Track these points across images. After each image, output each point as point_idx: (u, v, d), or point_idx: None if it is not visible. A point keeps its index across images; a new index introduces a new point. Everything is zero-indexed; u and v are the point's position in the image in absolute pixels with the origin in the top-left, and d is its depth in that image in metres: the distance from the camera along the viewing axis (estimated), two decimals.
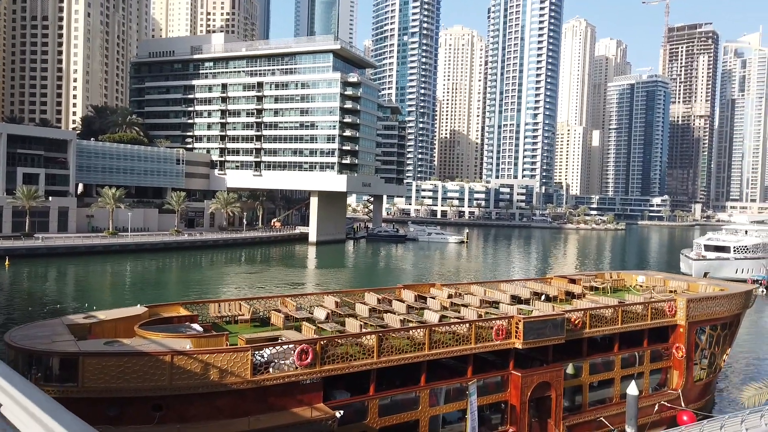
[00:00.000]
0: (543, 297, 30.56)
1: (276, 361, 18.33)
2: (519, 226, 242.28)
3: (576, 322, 24.81)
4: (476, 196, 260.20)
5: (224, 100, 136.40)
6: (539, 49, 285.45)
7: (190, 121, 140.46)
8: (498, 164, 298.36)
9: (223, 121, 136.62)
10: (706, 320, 29.29)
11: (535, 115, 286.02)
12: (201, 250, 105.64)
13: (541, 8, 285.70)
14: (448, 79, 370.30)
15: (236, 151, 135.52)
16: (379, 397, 20.33)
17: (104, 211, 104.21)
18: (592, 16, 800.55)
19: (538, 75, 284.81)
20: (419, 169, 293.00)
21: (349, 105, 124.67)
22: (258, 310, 25.27)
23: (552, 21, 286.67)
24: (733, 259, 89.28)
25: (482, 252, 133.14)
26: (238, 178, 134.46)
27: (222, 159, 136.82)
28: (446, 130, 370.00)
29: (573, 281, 34.77)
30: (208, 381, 17.31)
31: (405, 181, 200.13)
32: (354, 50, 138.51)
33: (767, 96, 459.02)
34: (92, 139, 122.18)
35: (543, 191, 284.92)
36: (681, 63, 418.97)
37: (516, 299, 30.04)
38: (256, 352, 17.95)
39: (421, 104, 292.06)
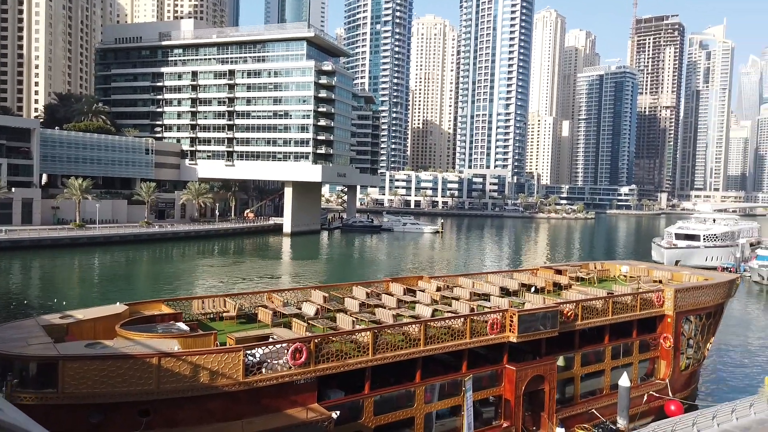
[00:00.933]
0: (533, 289, 30.27)
1: (269, 361, 17.51)
2: (492, 215, 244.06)
3: (568, 314, 24.56)
4: (449, 186, 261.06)
5: (194, 88, 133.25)
6: (511, 39, 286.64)
7: (159, 109, 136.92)
8: (471, 154, 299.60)
9: (194, 109, 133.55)
10: (692, 310, 29.41)
11: (507, 105, 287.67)
12: (172, 242, 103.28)
13: None
14: (421, 69, 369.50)
15: (208, 141, 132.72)
16: (375, 396, 19.71)
17: (70, 203, 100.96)
18: (561, 6, 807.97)
19: (510, 65, 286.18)
20: (392, 159, 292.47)
21: (323, 94, 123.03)
22: (243, 306, 24.33)
23: (524, 11, 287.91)
24: (703, 247, 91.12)
25: (458, 242, 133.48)
26: (209, 169, 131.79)
27: (193, 149, 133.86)
28: (419, 120, 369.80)
29: (559, 272, 34.63)
30: (198, 384, 16.41)
31: (379, 171, 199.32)
32: (327, 38, 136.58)
33: (730, 87, 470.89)
34: (56, 128, 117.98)
35: (515, 181, 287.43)
36: (648, 54, 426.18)
37: (505, 291, 29.69)
38: (248, 352, 17.09)
39: (395, 94, 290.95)
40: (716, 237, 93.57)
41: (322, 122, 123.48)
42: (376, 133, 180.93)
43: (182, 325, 19.97)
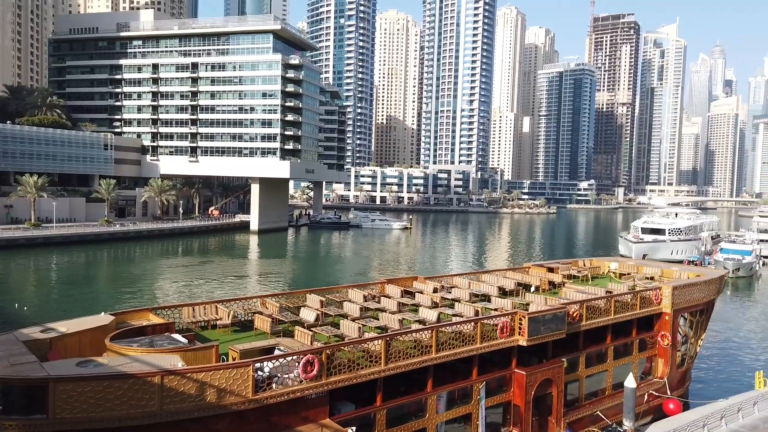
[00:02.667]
0: (532, 288, 29.64)
1: (279, 375, 16.18)
2: (457, 210, 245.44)
3: (574, 314, 23.95)
4: (415, 181, 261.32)
5: (155, 81, 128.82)
6: (474, 35, 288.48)
7: (118, 103, 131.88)
8: (435, 150, 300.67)
9: (155, 103, 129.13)
10: (688, 307, 29.31)
11: (471, 101, 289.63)
12: (135, 242, 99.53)
13: None
14: (384, 64, 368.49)
15: (170, 136, 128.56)
16: (386, 407, 18.59)
17: (25, 201, 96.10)
18: (522, 3, 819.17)
19: (473, 62, 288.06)
20: (358, 155, 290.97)
21: (290, 88, 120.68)
22: (237, 313, 22.82)
23: (486, 8, 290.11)
24: (669, 241, 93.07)
25: (428, 238, 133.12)
26: (172, 165, 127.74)
27: (154, 144, 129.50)
28: (382, 115, 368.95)
29: (551, 270, 34.16)
30: (205, 403, 14.96)
31: (345, 167, 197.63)
32: (294, 31, 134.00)
33: (683, 85, 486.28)
34: (8, 122, 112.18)
35: (479, 176, 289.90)
36: (605, 52, 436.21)
37: (503, 291, 28.97)
38: (257, 366, 15.73)
39: (359, 89, 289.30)
40: (680, 231, 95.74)
41: (290, 117, 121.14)
42: (343, 129, 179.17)
43: (179, 337, 18.40)
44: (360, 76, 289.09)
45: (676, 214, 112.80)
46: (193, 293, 57.00)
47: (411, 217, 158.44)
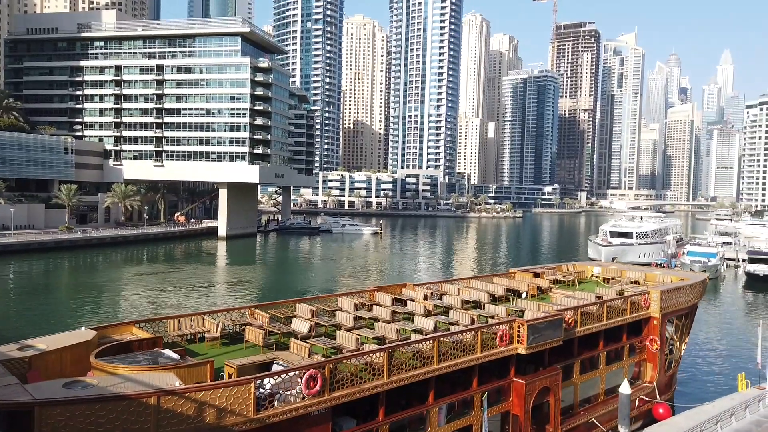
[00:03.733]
0: (524, 294, 29.34)
1: (281, 392, 15.29)
2: (425, 215, 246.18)
3: (569, 321, 23.69)
4: (383, 186, 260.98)
5: (118, 83, 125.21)
6: (441, 41, 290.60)
7: (79, 106, 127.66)
8: (403, 155, 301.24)
9: (118, 106, 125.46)
10: (674, 311, 29.48)
11: (438, 106, 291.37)
12: (98, 249, 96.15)
13: (443, 1, 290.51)
14: (351, 69, 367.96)
15: (134, 140, 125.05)
16: (390, 422, 17.88)
17: None
18: (486, 10, 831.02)
19: (440, 67, 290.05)
20: (325, 159, 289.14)
21: (260, 92, 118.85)
22: (225, 325, 21.74)
23: (453, 14, 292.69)
24: (637, 244, 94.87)
25: (400, 243, 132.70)
26: (136, 169, 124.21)
27: (117, 148, 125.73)
28: (349, 120, 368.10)
29: (537, 275, 34.00)
30: (204, 424, 13.97)
31: (313, 171, 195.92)
32: (262, 34, 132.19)
33: (641, 92, 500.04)
34: None
35: (447, 181, 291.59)
36: (568, 59, 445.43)
37: (494, 298, 28.60)
38: (257, 383, 14.82)
39: (327, 93, 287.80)
40: (647, 234, 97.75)
41: (259, 121, 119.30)
42: (311, 133, 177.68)
43: (170, 353, 17.29)
44: (327, 80, 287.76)
45: (642, 218, 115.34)
46: (165, 303, 55.11)
47: (381, 222, 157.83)
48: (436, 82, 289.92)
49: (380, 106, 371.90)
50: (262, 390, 14.95)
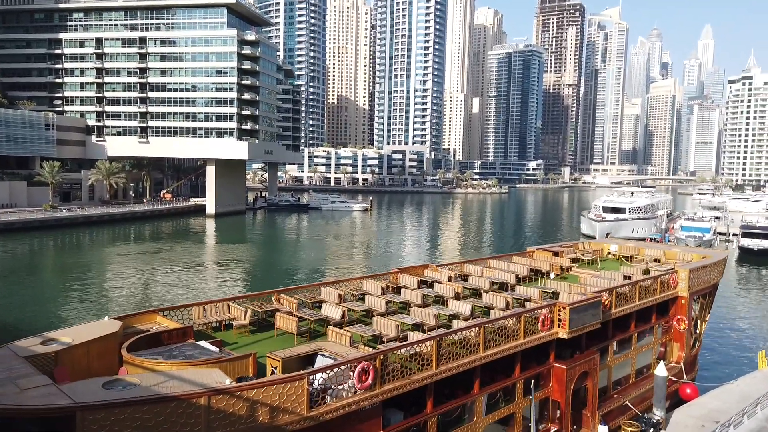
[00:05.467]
0: (552, 275, 28.52)
1: (333, 386, 14.23)
2: (412, 191, 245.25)
3: (606, 302, 22.92)
4: (369, 162, 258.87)
5: (99, 57, 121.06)
6: (427, 15, 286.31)
7: (59, 80, 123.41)
8: (389, 130, 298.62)
9: (99, 81, 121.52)
10: (700, 290, 28.97)
11: (424, 81, 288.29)
12: (83, 228, 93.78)
13: None
14: (334, 43, 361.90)
15: (117, 115, 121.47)
16: (438, 414, 16.98)
17: None
18: None
19: (426, 41, 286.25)
20: (311, 135, 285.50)
21: (247, 65, 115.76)
22: (254, 311, 20.55)
23: None
24: (630, 219, 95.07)
25: (391, 220, 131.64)
26: (120, 146, 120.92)
27: (100, 124, 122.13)
28: (333, 95, 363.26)
29: (556, 254, 33.22)
30: (257, 425, 12.88)
31: (300, 147, 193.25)
32: (249, 6, 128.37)
33: (625, 67, 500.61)
34: None
35: (433, 157, 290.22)
36: (552, 34, 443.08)
37: (519, 278, 27.76)
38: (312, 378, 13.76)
39: (311, 68, 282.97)
40: (640, 209, 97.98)
41: (247, 96, 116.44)
42: (298, 108, 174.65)
43: (207, 345, 16.10)
44: (312, 54, 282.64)
45: (632, 193, 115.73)
46: (162, 284, 53.64)
47: (371, 198, 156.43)
48: (422, 57, 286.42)
49: (364, 81, 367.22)
50: (314, 385, 13.89)
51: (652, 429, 22.61)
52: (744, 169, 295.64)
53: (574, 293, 24.03)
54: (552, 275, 28.51)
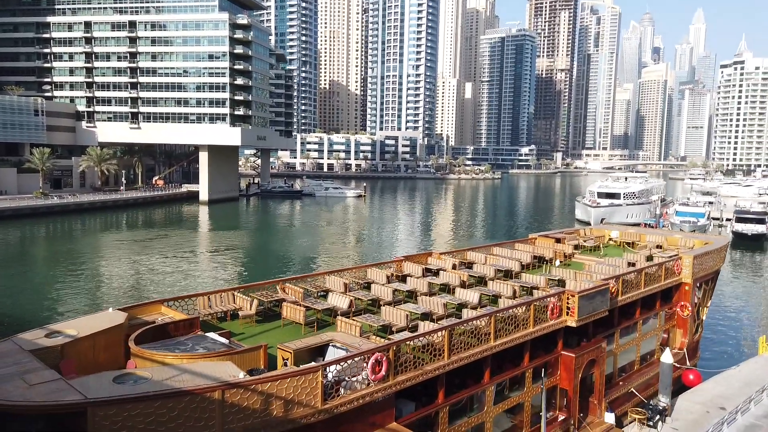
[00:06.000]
0: (557, 262, 28.37)
1: (347, 378, 14.00)
2: (405, 177, 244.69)
3: (613, 290, 22.80)
4: (362, 148, 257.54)
5: (89, 41, 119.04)
6: None
7: (48, 65, 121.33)
8: (382, 116, 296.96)
9: (89, 65, 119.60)
10: (703, 276, 28.95)
11: (417, 66, 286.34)
12: (76, 215, 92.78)
13: None
14: (326, 27, 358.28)
15: (107, 101, 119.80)
16: (449, 404, 16.83)
17: None
18: None
19: (419, 25, 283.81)
20: (303, 121, 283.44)
21: (239, 50, 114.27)
22: (260, 300, 20.26)
23: None
24: (625, 205, 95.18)
25: (386, 206, 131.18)
26: (111, 132, 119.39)
27: (90, 109, 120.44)
28: (325, 80, 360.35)
29: (558, 240, 33.07)
30: (271, 418, 12.64)
31: (292, 133, 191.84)
32: None
33: (617, 51, 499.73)
34: None
35: (426, 143, 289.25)
36: (545, 18, 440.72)
37: (523, 266, 27.61)
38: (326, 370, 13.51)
39: (303, 52, 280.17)
40: (634, 195, 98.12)
41: (239, 81, 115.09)
42: (290, 94, 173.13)
43: (216, 336, 15.80)
44: (303, 39, 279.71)
45: (626, 178, 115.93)
46: (160, 273, 53.18)
47: (365, 184, 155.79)
48: (415, 41, 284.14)
49: (356, 66, 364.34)
50: (328, 378, 13.65)
51: (658, 416, 22.63)
52: (735, 154, 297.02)
53: (580, 281, 23.89)
54: (557, 262, 28.37)
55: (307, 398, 13.12)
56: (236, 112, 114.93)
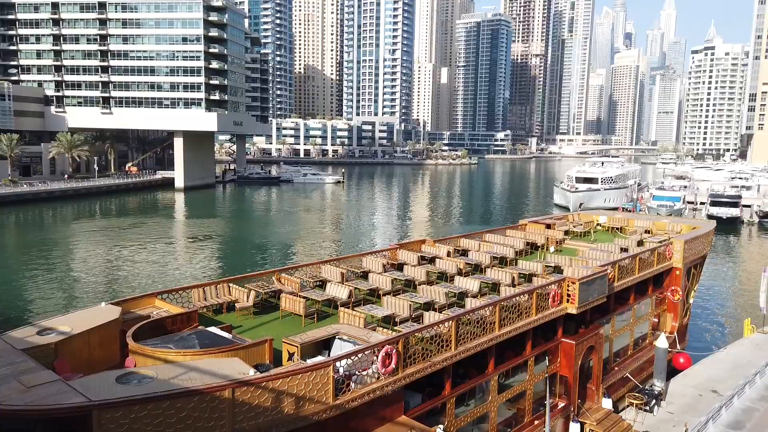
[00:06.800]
0: (552, 248, 28.26)
1: (357, 373, 13.59)
2: (382, 163, 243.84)
3: (611, 276, 22.77)
4: (339, 134, 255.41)
5: (56, 22, 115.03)
6: None
7: (13, 47, 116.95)
8: (358, 101, 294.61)
9: (57, 48, 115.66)
10: (692, 261, 29.20)
11: (394, 51, 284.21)
12: (47, 203, 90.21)
13: None
14: (300, 11, 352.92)
15: (77, 85, 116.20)
16: (456, 395, 16.57)
17: None
18: None
19: (395, 10, 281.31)
20: (278, 106, 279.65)
21: (214, 33, 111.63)
22: (257, 292, 19.66)
23: None
24: (603, 189, 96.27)
25: (367, 192, 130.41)
26: (82, 117, 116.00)
27: (59, 94, 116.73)
28: (299, 65, 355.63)
29: (548, 226, 33.03)
30: (282, 416, 12.18)
31: (268, 118, 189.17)
32: None
33: (591, 37, 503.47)
34: None
35: (403, 128, 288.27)
36: (520, 2, 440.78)
37: (517, 252, 27.45)
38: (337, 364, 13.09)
39: (278, 36, 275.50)
40: (612, 179, 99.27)
41: (215, 65, 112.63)
42: (266, 78, 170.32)
43: (217, 330, 15.20)
44: (278, 21, 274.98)
45: (603, 163, 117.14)
46: (138, 261, 51.92)
47: (343, 170, 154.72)
48: (391, 25, 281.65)
49: (332, 50, 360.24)
50: (339, 372, 13.23)
51: (654, 400, 22.80)
52: (705, 139, 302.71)
53: (576, 267, 23.84)
54: (552, 248, 28.29)
55: (318, 394, 12.68)
56: (212, 97, 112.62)
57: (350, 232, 72.82)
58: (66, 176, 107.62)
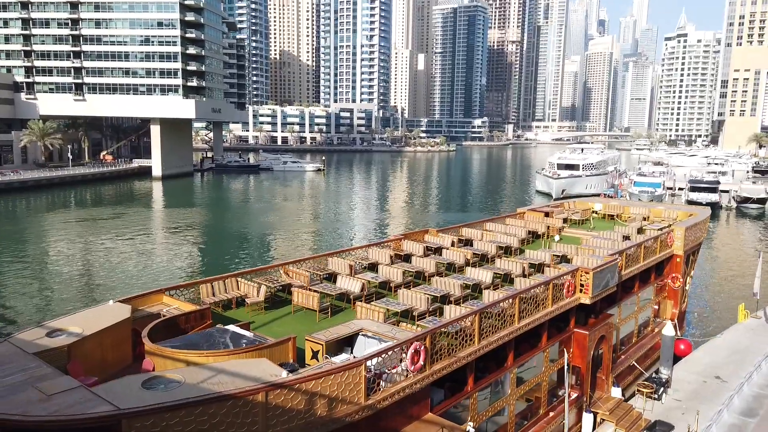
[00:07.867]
0: (557, 237, 28.07)
1: (387, 371, 13.13)
2: (361, 150, 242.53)
3: (619, 265, 22.66)
4: (317, 121, 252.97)
5: (25, 6, 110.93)
6: None
7: None
8: (336, 87, 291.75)
9: (26, 32, 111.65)
10: (691, 248, 29.35)
11: (371, 36, 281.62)
12: (18, 193, 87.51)
13: None
14: None
15: (48, 71, 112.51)
16: (479, 390, 16.26)
17: None
18: None
19: None
20: (254, 92, 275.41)
21: (191, 17, 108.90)
22: (263, 286, 19.02)
23: None
24: (584, 176, 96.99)
25: (347, 180, 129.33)
26: (53, 104, 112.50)
27: (30, 80, 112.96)
28: (275, 50, 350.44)
29: (547, 214, 32.89)
30: (315, 418, 11.68)
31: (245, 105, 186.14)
32: None
33: (566, 23, 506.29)
34: None
35: (381, 115, 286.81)
36: None
37: (522, 242, 27.22)
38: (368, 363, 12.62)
39: (253, 21, 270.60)
40: (593, 166, 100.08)
41: (192, 50, 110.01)
42: (242, 64, 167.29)
43: (236, 329, 14.55)
44: (253, 6, 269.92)
45: (582, 150, 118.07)
46: (123, 252, 50.57)
47: (323, 158, 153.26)
48: (369, 11, 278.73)
49: (307, 36, 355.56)
50: (371, 371, 12.76)
51: (662, 388, 22.86)
52: (677, 125, 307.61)
53: (582, 256, 23.69)
54: (557, 237, 28.11)
55: (350, 395, 12.21)
56: (189, 84, 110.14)
57: (340, 222, 72.10)
58: (38, 165, 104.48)
